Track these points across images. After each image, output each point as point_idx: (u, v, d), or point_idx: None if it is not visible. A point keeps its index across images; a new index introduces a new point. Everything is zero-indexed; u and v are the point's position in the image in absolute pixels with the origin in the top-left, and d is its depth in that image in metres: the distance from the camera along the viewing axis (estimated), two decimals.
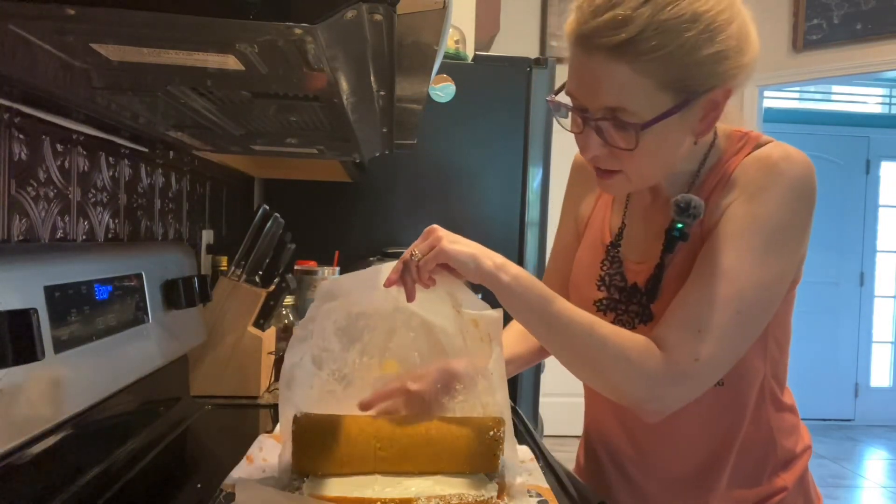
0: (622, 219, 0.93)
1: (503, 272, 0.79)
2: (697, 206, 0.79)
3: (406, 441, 0.80)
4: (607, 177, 0.81)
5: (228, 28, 0.48)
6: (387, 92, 0.77)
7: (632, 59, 0.69)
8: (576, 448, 1.12)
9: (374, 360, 0.88)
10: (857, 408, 5.33)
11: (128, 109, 0.86)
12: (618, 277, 0.90)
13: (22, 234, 0.79)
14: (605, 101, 0.73)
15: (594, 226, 0.97)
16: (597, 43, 0.70)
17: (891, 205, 5.32)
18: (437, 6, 0.53)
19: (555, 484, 0.89)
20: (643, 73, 0.70)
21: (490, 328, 0.84)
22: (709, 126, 0.78)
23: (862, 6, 3.50)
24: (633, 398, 0.78)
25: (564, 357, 0.80)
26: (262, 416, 1.24)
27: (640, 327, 0.85)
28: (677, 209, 0.79)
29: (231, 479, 0.84)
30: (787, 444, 0.91)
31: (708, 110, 0.76)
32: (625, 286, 0.89)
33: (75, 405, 0.77)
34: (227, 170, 1.69)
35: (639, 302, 0.86)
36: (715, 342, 0.75)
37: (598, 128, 0.75)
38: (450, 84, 1.96)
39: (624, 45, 0.69)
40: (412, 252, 0.80)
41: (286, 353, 0.83)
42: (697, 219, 0.79)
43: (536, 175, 2.18)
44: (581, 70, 0.74)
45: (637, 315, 0.86)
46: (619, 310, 0.89)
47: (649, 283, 0.84)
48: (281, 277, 1.35)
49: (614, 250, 0.91)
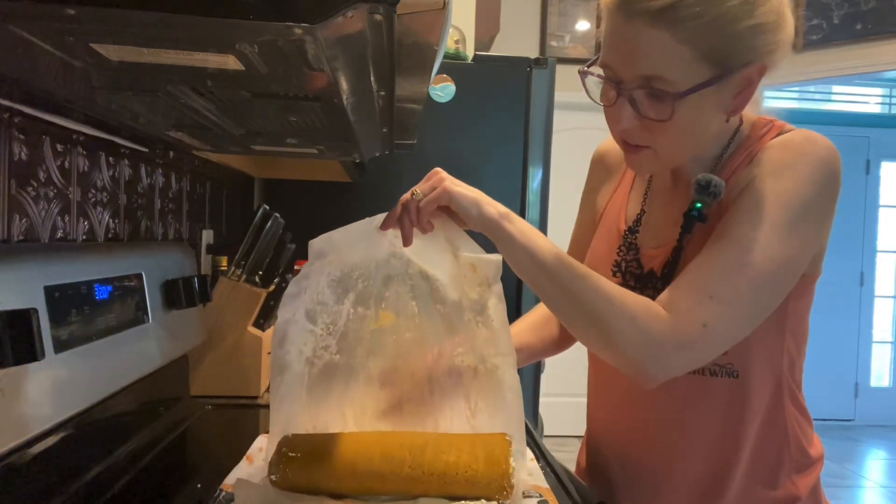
0: (641, 206, 0.92)
1: (506, 220, 0.78)
2: (718, 185, 0.77)
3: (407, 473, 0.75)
4: (635, 152, 0.80)
5: (228, 28, 0.48)
6: (387, 92, 0.77)
7: (672, 25, 0.69)
8: (576, 448, 1.12)
9: (369, 310, 0.84)
10: (857, 408, 5.34)
11: (128, 109, 0.86)
12: (634, 264, 0.88)
13: (22, 234, 0.79)
14: (642, 69, 0.72)
15: (610, 215, 0.96)
16: (638, 8, 0.70)
17: (891, 205, 5.32)
18: (437, 6, 0.53)
19: (555, 484, 0.89)
20: (683, 40, 0.70)
21: (489, 272, 0.82)
22: (742, 104, 0.77)
23: (862, 6, 3.50)
24: (635, 360, 0.75)
25: (565, 312, 0.78)
26: (262, 416, 1.24)
27: None
28: (698, 187, 0.78)
29: (231, 478, 0.84)
30: (804, 446, 0.88)
31: (743, 87, 0.75)
32: (640, 273, 0.87)
33: (75, 405, 0.77)
34: (227, 170, 1.69)
35: (654, 287, 0.84)
36: (726, 310, 0.74)
37: (631, 98, 0.74)
38: (450, 84, 1.96)
39: (666, 10, 0.69)
40: (413, 192, 0.78)
41: (279, 310, 0.79)
42: (717, 199, 0.78)
43: (536, 175, 2.18)
44: (619, 38, 0.74)
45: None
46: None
47: (665, 268, 0.83)
48: (281, 277, 1.35)
49: (631, 236, 0.90)
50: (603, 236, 0.95)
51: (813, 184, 0.76)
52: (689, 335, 0.73)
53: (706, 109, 0.75)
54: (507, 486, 0.74)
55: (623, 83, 0.75)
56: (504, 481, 0.74)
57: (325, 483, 0.75)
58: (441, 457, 0.76)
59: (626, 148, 0.81)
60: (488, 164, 2.18)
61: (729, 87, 0.75)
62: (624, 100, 0.75)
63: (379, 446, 0.78)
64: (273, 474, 0.76)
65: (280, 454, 0.78)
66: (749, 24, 0.71)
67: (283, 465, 0.76)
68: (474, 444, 0.78)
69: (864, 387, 5.35)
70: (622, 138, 0.80)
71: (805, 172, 0.76)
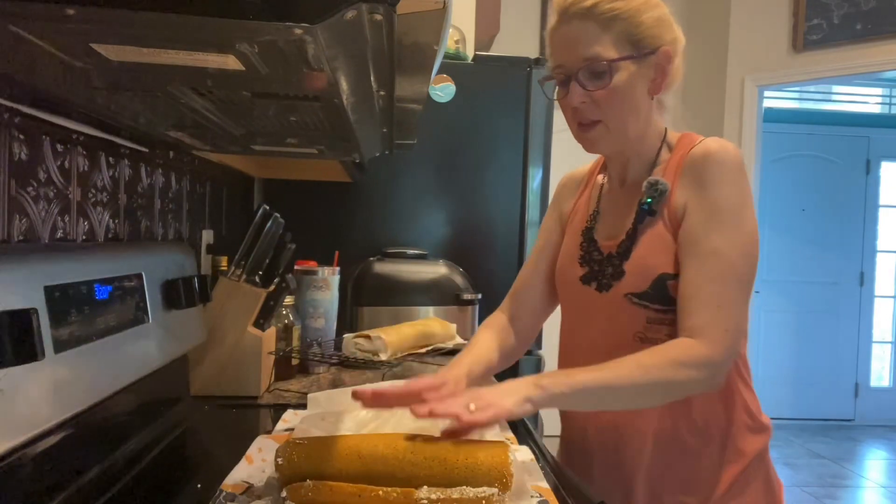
0: (596, 206, 1.10)
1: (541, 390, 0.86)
2: (664, 185, 0.98)
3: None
4: (588, 129, 0.99)
5: (228, 28, 0.48)
6: (387, 92, 0.77)
7: (596, 18, 0.94)
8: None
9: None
10: (857, 408, 5.33)
11: (128, 109, 0.86)
12: (595, 252, 1.05)
13: (22, 234, 0.79)
14: (582, 53, 0.95)
15: (575, 219, 1.14)
16: (572, 11, 0.95)
17: (891, 205, 5.32)
18: (437, 6, 0.53)
19: (555, 484, 0.89)
20: (606, 28, 0.95)
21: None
22: (659, 86, 0.99)
23: (862, 6, 3.50)
24: (703, 385, 0.91)
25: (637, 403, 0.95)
26: (262, 416, 1.24)
27: (616, 284, 1.00)
28: (648, 186, 0.98)
29: (231, 479, 0.84)
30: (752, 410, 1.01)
31: (657, 71, 0.98)
32: (601, 258, 1.04)
33: (75, 405, 0.77)
34: (227, 170, 1.69)
35: (611, 264, 1.02)
36: (733, 310, 0.92)
37: (578, 79, 0.96)
38: (450, 84, 1.96)
39: (591, 8, 0.94)
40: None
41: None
42: (664, 195, 0.97)
43: (536, 175, 2.18)
44: (563, 37, 0.97)
45: (612, 276, 1.01)
46: (598, 276, 1.03)
47: (621, 247, 1.01)
48: (281, 277, 1.35)
49: (589, 233, 1.08)
50: (571, 236, 1.13)
51: (738, 178, 0.96)
52: (722, 343, 0.90)
53: (635, 83, 0.97)
54: (507, 474, 0.76)
55: (571, 71, 0.97)
56: (504, 469, 0.76)
57: (330, 466, 0.76)
58: (443, 444, 0.79)
59: (580, 129, 1.00)
60: (488, 164, 2.18)
61: (648, 68, 0.97)
62: (574, 83, 0.97)
63: (383, 437, 0.81)
64: (280, 458, 0.77)
65: (287, 441, 0.80)
66: (650, 16, 0.96)
67: (289, 449, 0.78)
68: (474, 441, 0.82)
69: (864, 387, 5.35)
70: (577, 120, 1.00)
71: (730, 174, 0.95)
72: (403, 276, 1.99)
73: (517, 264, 2.13)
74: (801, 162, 5.22)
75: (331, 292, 1.62)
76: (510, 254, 2.18)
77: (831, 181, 5.21)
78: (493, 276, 2.12)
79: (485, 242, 2.19)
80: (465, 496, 0.73)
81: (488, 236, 2.19)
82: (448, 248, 2.16)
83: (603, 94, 0.95)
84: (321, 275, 1.60)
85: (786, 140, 5.13)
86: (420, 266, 2.03)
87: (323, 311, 1.61)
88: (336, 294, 1.64)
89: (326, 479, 0.76)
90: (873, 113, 5.24)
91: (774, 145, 4.97)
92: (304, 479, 0.76)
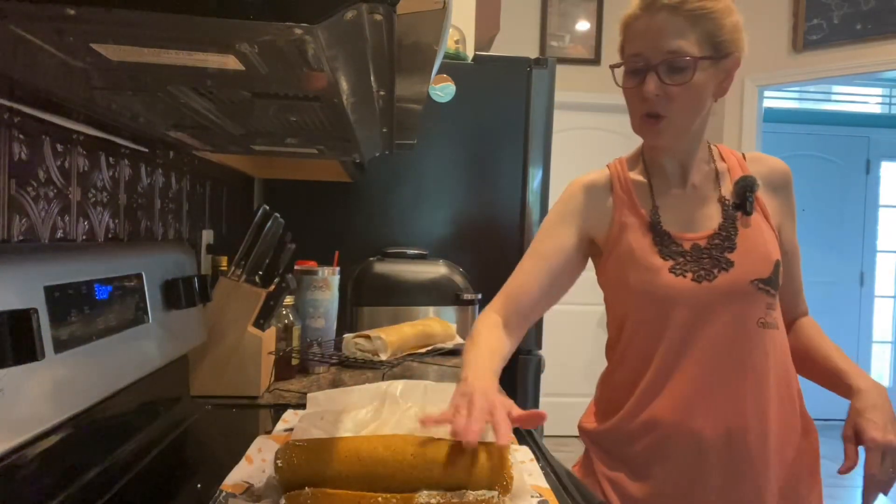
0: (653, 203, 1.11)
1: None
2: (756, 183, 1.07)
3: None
4: (655, 123, 1.03)
5: (228, 28, 0.48)
6: (387, 92, 0.77)
7: (686, 13, 0.98)
8: (576, 448, 1.12)
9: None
10: None
11: (128, 109, 0.86)
12: (673, 245, 1.08)
13: (22, 234, 0.79)
14: (666, 45, 0.98)
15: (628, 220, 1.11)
16: (660, 4, 0.99)
17: (891, 205, 5.32)
18: (437, 6, 0.53)
19: (555, 484, 0.89)
20: (693, 25, 0.98)
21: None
22: (725, 89, 1.04)
23: (862, 6, 3.50)
24: None
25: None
26: (262, 416, 1.24)
27: (721, 274, 1.04)
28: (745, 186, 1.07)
29: (231, 479, 0.84)
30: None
31: (726, 75, 1.03)
32: (682, 250, 1.07)
33: (75, 405, 0.77)
34: (227, 170, 1.69)
35: (710, 256, 1.06)
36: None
37: (658, 71, 0.99)
38: (450, 84, 1.96)
39: (682, 2, 0.98)
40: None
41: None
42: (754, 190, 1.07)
43: (536, 175, 2.18)
44: (647, 29, 1.00)
45: (715, 265, 1.05)
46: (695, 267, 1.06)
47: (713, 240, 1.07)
48: (281, 277, 1.35)
49: (658, 226, 1.09)
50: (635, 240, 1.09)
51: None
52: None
53: (708, 84, 1.01)
54: (507, 476, 0.76)
55: (650, 62, 0.99)
56: (504, 471, 0.76)
57: (329, 468, 0.76)
58: (443, 446, 0.78)
59: (647, 122, 1.03)
60: (488, 164, 2.18)
61: (720, 71, 1.02)
62: (652, 73, 0.99)
63: (383, 439, 0.81)
64: (279, 460, 0.77)
65: (287, 443, 0.80)
66: (732, 20, 1.01)
67: (289, 452, 0.78)
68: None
69: None
70: (646, 111, 1.02)
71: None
72: (403, 276, 1.99)
73: (516, 264, 2.13)
74: (801, 162, 5.21)
75: (331, 292, 1.62)
76: (510, 254, 2.19)
77: (831, 181, 5.21)
78: (493, 276, 2.12)
79: (485, 242, 2.19)
80: (465, 500, 0.73)
81: (488, 236, 2.19)
82: (448, 248, 2.16)
83: (678, 90, 0.99)
84: (321, 275, 1.60)
85: (786, 140, 5.13)
86: (420, 266, 2.03)
87: (323, 311, 1.61)
88: (336, 294, 1.64)
89: (326, 482, 0.75)
90: (873, 113, 5.23)
91: (774, 145, 4.97)
92: (303, 481, 0.75)
